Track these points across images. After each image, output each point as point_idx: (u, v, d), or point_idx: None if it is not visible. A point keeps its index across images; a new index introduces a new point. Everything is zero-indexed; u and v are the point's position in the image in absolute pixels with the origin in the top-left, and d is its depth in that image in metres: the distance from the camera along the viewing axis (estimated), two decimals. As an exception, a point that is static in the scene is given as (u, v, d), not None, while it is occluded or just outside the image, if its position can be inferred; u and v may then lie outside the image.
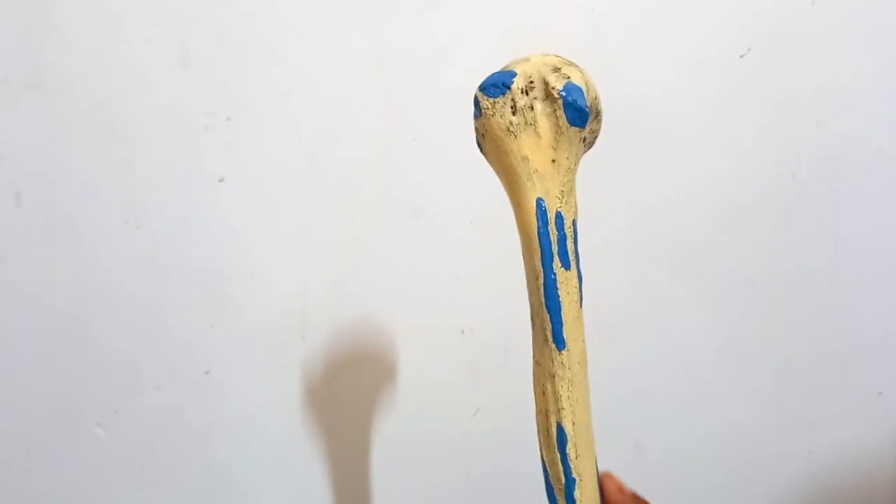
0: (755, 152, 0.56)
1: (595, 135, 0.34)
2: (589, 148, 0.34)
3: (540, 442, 0.34)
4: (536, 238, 0.32)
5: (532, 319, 0.33)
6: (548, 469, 0.33)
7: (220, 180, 0.54)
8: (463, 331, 0.57)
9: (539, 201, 0.32)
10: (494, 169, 0.34)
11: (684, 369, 0.58)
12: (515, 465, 0.59)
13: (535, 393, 0.34)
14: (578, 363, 0.33)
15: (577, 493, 0.33)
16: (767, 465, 0.61)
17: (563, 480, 0.33)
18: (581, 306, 0.33)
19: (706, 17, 0.54)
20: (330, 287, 0.56)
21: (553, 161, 0.32)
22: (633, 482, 0.43)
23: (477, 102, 0.32)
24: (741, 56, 0.55)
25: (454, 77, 0.53)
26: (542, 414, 0.33)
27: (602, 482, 0.34)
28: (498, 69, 0.33)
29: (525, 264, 0.33)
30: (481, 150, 0.34)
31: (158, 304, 0.55)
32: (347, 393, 0.57)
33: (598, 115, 0.33)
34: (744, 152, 0.56)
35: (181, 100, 0.53)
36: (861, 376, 0.59)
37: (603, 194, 0.53)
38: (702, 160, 0.56)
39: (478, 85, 0.32)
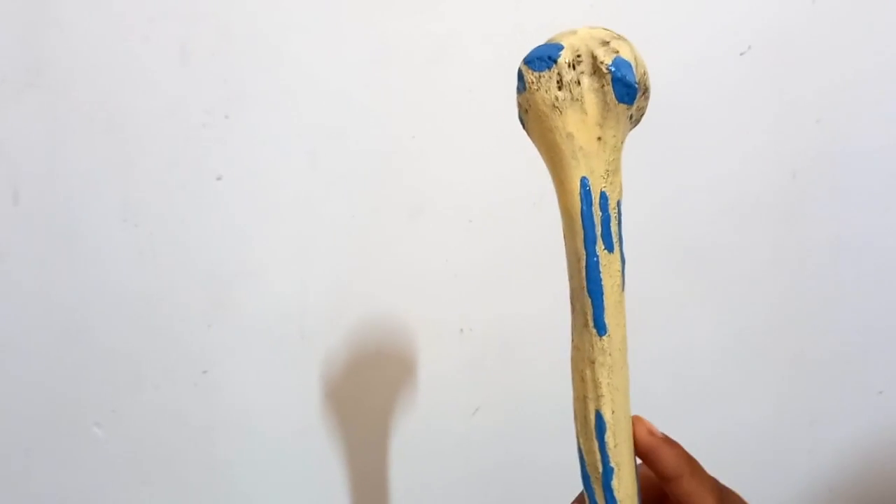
0: (755, 150, 0.56)
1: (642, 112, 0.32)
2: (635, 126, 0.33)
3: (577, 429, 0.32)
4: (580, 218, 0.31)
5: (572, 303, 0.32)
6: (584, 457, 0.32)
7: (219, 178, 0.54)
8: (462, 329, 0.57)
9: (583, 180, 0.30)
10: (537, 146, 0.32)
11: (685, 368, 0.58)
12: (515, 464, 0.59)
13: (573, 379, 0.32)
14: (619, 349, 0.32)
15: (614, 483, 0.31)
16: (768, 464, 0.61)
17: (601, 469, 0.31)
18: (623, 290, 0.32)
19: (706, 14, 0.54)
20: (329, 286, 0.56)
21: (599, 139, 0.30)
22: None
23: (521, 76, 0.31)
24: (741, 54, 0.55)
25: (455, 75, 0.53)
26: (581, 400, 0.32)
27: (633, 426, 0.33)
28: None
29: (566, 246, 0.32)
30: (523, 126, 0.32)
31: (157, 302, 0.55)
32: (346, 392, 0.57)
33: (646, 91, 0.32)
34: (744, 150, 0.56)
35: (180, 97, 0.53)
36: (862, 375, 0.59)
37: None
38: (702, 158, 0.55)
39: (521, 59, 0.31)
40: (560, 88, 0.30)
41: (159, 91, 0.53)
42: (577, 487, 0.33)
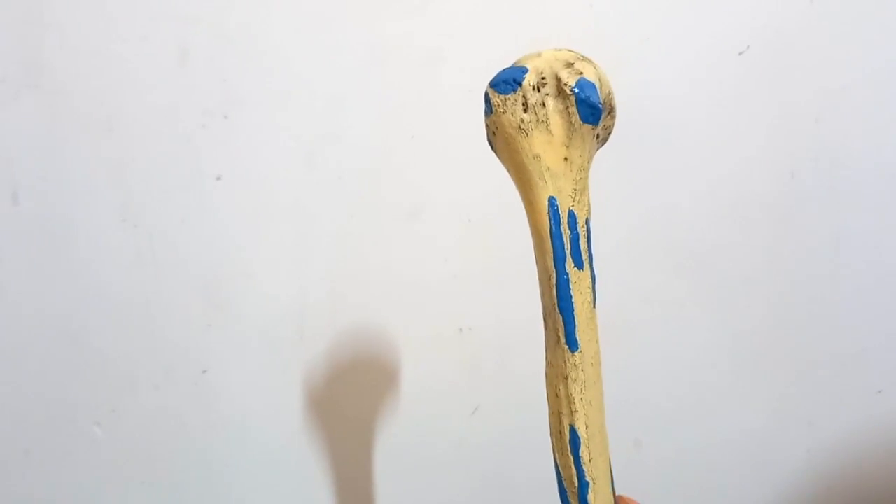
0: (754, 150, 0.56)
1: (609, 131, 0.33)
2: (602, 144, 0.34)
3: (553, 444, 0.33)
4: (549, 238, 0.31)
5: (545, 320, 0.33)
6: (561, 472, 0.33)
7: (218, 179, 0.54)
8: (461, 329, 0.57)
9: (551, 200, 0.31)
10: (506, 167, 0.33)
11: (684, 368, 0.58)
12: (514, 464, 0.59)
13: (547, 395, 0.33)
14: (592, 364, 0.32)
15: (590, 497, 0.32)
16: (767, 464, 0.61)
17: (577, 484, 0.32)
18: (594, 307, 0.33)
19: (705, 14, 0.54)
20: (328, 286, 0.56)
21: (566, 159, 0.31)
22: (633, 481, 0.43)
23: (488, 99, 0.32)
24: (740, 53, 0.55)
25: (452, 76, 0.53)
26: (555, 416, 0.33)
27: None
28: (499, 66, 0.33)
29: (537, 264, 0.33)
30: (492, 148, 0.33)
31: (155, 303, 0.55)
32: (345, 392, 0.57)
33: (611, 110, 0.33)
34: (742, 150, 0.55)
35: (178, 98, 0.53)
36: (861, 374, 0.59)
37: (598, 194, 0.53)
38: (699, 158, 0.55)
39: (488, 82, 0.32)
40: (525, 111, 0.31)
41: (158, 92, 0.53)
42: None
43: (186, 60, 0.52)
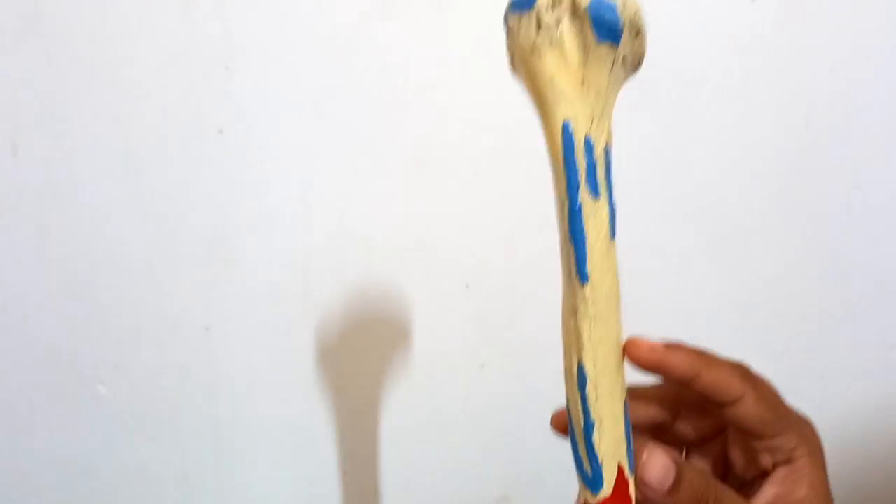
0: (767, 99, 0.55)
1: (639, 57, 0.31)
2: (633, 71, 0.31)
3: (565, 380, 0.32)
4: (562, 164, 0.30)
5: (561, 253, 0.31)
6: (570, 410, 0.31)
7: (220, 132, 0.53)
8: (468, 285, 0.56)
9: (566, 125, 0.29)
10: (525, 91, 0.31)
11: (692, 320, 0.58)
12: (521, 419, 0.59)
13: (562, 330, 0.32)
14: (605, 300, 0.30)
15: (595, 437, 0.30)
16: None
17: (583, 423, 0.31)
18: (613, 239, 0.31)
19: (717, -41, 0.53)
20: (333, 241, 0.55)
21: (582, 82, 0.29)
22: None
23: (505, 20, 0.30)
24: (753, 0, 0.54)
25: (459, 22, 0.52)
26: (567, 351, 0.31)
27: (627, 351, 0.32)
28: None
29: (554, 193, 0.31)
30: (513, 72, 0.32)
31: (158, 258, 0.54)
32: (350, 347, 0.57)
33: (638, 32, 0.30)
34: (755, 99, 0.55)
35: (180, 48, 0.52)
36: (874, 329, 0.58)
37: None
38: (712, 107, 0.54)
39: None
40: (539, 31, 0.29)
41: (159, 42, 0.52)
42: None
43: (188, 10, 0.51)
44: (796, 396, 0.59)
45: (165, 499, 0.58)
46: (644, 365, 0.32)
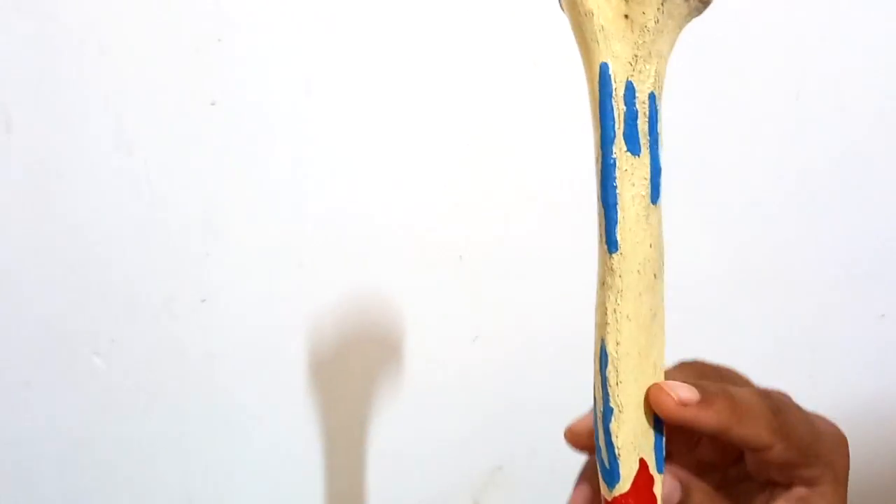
0: (758, 71, 0.55)
1: None
2: (696, 13, 0.27)
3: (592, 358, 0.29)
4: (598, 112, 0.26)
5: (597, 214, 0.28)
6: (594, 391, 0.28)
7: (212, 104, 0.53)
8: (461, 257, 0.57)
9: (603, 66, 0.26)
10: (572, 31, 0.28)
11: (683, 293, 0.58)
12: (516, 392, 0.59)
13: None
14: (638, 272, 0.26)
15: (613, 425, 0.27)
16: (768, 390, 0.60)
17: (602, 408, 0.27)
18: (655, 204, 0.26)
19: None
20: (327, 214, 0.55)
21: (626, 17, 0.26)
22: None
23: None
24: (744, -29, 0.53)
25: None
26: (596, 327, 0.28)
27: (651, 398, 0.27)
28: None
29: (594, 145, 0.27)
30: (561, 8, 0.28)
31: (152, 231, 0.55)
32: (344, 319, 0.57)
33: None
34: (747, 70, 0.55)
35: (172, 21, 0.52)
36: (863, 298, 0.59)
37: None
38: (702, 78, 0.54)
39: None
40: None
41: (151, 15, 0.52)
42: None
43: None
44: (787, 370, 0.60)
45: (162, 470, 0.59)
46: (672, 421, 0.28)
